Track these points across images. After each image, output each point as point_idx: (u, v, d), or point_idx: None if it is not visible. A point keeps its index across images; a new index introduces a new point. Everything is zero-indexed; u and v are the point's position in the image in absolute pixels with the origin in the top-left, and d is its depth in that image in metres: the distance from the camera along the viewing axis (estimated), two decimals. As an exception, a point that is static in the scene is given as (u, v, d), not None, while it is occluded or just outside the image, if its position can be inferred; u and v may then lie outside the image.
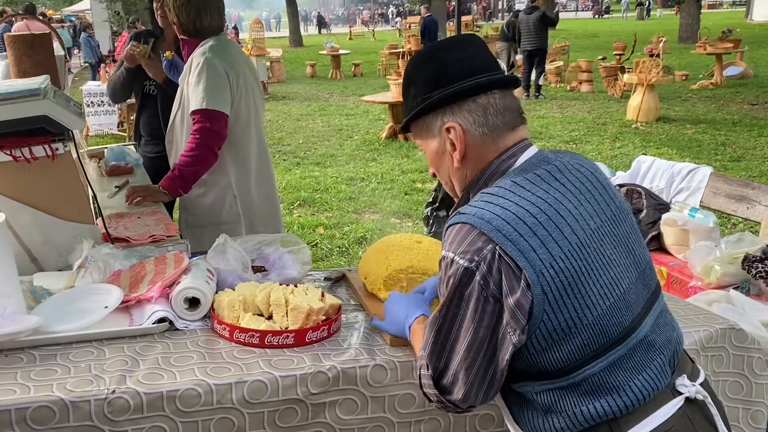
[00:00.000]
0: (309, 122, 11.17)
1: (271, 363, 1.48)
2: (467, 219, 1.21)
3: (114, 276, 1.85)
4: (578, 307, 1.18)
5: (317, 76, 18.11)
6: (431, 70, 1.34)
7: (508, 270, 1.16)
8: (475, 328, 1.20)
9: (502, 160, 1.31)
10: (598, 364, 1.20)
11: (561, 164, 1.30)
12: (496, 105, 1.31)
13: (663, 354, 1.27)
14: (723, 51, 13.49)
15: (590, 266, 1.20)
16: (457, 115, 1.32)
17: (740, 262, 2.82)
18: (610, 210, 1.29)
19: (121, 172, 3.08)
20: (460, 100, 1.31)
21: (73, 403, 1.33)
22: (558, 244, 1.18)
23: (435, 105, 1.32)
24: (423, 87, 1.34)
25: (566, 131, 9.40)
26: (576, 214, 1.23)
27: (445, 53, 1.35)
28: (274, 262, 1.96)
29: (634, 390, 1.21)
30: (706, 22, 20.33)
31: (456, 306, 1.22)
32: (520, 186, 1.24)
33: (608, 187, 1.33)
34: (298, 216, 6.02)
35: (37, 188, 1.98)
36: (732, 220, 5.17)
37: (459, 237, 1.21)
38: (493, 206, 1.21)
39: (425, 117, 1.36)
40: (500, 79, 1.33)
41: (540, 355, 1.20)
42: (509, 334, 1.18)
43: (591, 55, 16.31)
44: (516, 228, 1.18)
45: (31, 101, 1.87)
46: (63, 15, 28.92)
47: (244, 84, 2.78)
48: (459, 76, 1.31)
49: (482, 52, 1.36)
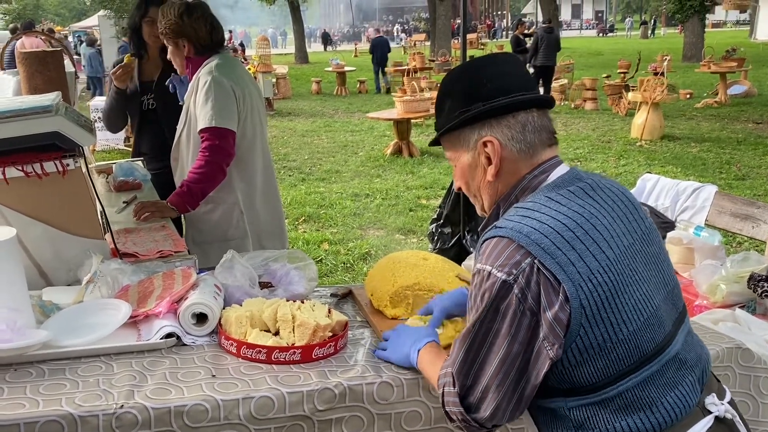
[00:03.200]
0: (314, 138, 11.22)
1: (278, 379, 1.49)
2: (504, 233, 1.21)
3: (122, 291, 1.87)
4: (614, 322, 1.19)
5: (323, 92, 18.21)
6: (470, 84, 1.34)
7: (547, 283, 1.16)
8: (510, 342, 1.19)
9: (534, 175, 1.32)
10: (632, 380, 1.20)
11: (593, 182, 1.32)
12: (534, 123, 1.32)
13: (694, 372, 1.28)
14: (727, 70, 13.53)
15: (625, 282, 1.21)
16: (495, 130, 1.32)
17: (746, 281, 2.82)
18: (641, 229, 1.30)
19: (129, 187, 3.10)
20: (499, 115, 1.31)
21: (82, 417, 1.34)
22: (595, 258, 1.19)
23: (474, 118, 1.32)
24: (461, 100, 1.34)
25: (571, 149, 9.42)
26: (610, 230, 1.24)
27: (484, 69, 1.35)
28: (281, 278, 1.97)
29: (667, 407, 1.21)
30: (710, 41, 20.42)
31: (491, 320, 1.20)
32: (555, 201, 1.25)
33: (638, 207, 1.34)
34: (303, 231, 6.04)
35: (48, 203, 2.00)
36: (737, 239, 5.16)
37: (497, 250, 1.20)
38: (530, 220, 1.21)
39: (461, 130, 1.35)
40: (540, 98, 1.34)
41: (574, 370, 1.20)
42: (546, 349, 1.17)
43: (595, 73, 16.39)
44: (554, 241, 1.18)
45: (44, 118, 1.89)
46: (70, 31, 29.18)
47: (250, 101, 2.81)
48: (498, 91, 1.31)
49: (520, 70, 1.37)
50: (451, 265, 1.93)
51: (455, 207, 4.49)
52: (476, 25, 43.35)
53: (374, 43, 19.13)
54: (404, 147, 9.45)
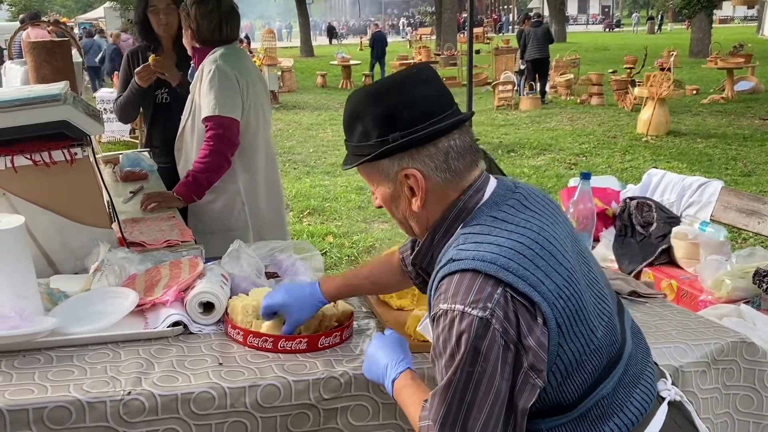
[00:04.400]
0: (319, 131, 11.22)
1: (284, 368, 1.50)
2: (466, 265, 1.13)
3: (129, 280, 1.88)
4: (585, 333, 1.17)
5: (328, 86, 18.19)
6: (384, 110, 1.23)
7: (523, 309, 1.10)
8: (498, 382, 1.09)
9: (469, 196, 1.25)
10: (606, 387, 1.20)
11: (524, 191, 1.28)
12: (457, 148, 1.24)
13: (648, 362, 1.29)
14: (734, 66, 13.46)
15: (582, 289, 1.18)
16: (416, 161, 1.23)
17: (751, 277, 2.82)
18: (568, 230, 1.29)
19: (135, 177, 3.11)
20: (419, 146, 1.23)
21: (90, 403, 1.35)
22: (557, 272, 1.15)
23: (392, 151, 1.23)
24: (375, 127, 1.24)
25: (576, 144, 9.40)
26: (559, 239, 1.21)
27: (402, 91, 1.24)
28: (286, 269, 1.98)
29: (635, 404, 1.22)
30: (717, 37, 20.29)
31: (472, 363, 1.10)
32: (501, 220, 1.20)
33: (558, 206, 1.33)
34: (307, 224, 6.05)
35: (56, 192, 2.01)
36: (743, 234, 5.16)
37: (464, 286, 1.12)
38: (487, 246, 1.14)
39: (379, 161, 1.26)
40: (459, 119, 1.25)
41: (555, 391, 1.17)
42: (532, 378, 1.11)
43: (601, 68, 16.32)
44: (519, 263, 1.12)
45: (52, 106, 1.90)
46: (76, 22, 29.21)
47: (254, 92, 2.81)
48: (419, 118, 1.21)
49: (437, 89, 1.26)
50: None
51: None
52: (482, 19, 43.18)
53: (374, 37, 19.44)
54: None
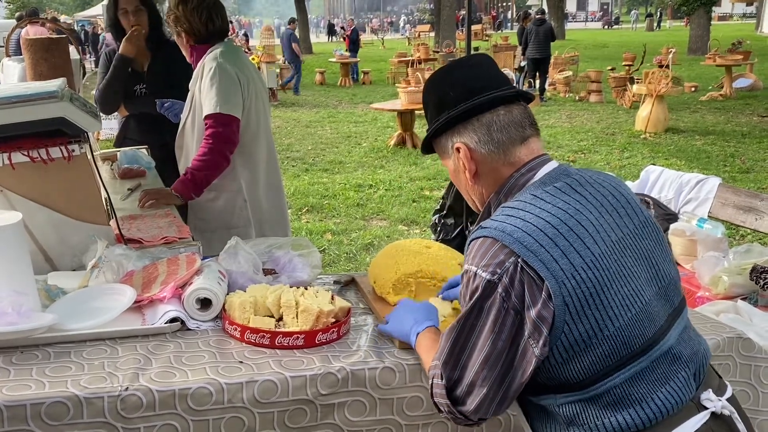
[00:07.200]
0: (318, 129, 11.21)
1: (281, 363, 1.50)
2: (489, 233, 1.24)
3: (127, 276, 1.88)
4: (599, 318, 1.19)
5: (326, 83, 18.18)
6: (438, 94, 1.41)
7: (531, 281, 1.18)
8: (494, 340, 1.21)
9: (522, 173, 1.34)
10: (620, 376, 1.21)
11: (581, 178, 1.32)
12: (500, 122, 1.34)
13: (688, 367, 1.27)
14: (733, 63, 13.47)
15: (611, 277, 1.21)
16: (463, 135, 1.37)
17: (748, 273, 2.82)
18: (633, 224, 1.30)
19: (133, 175, 3.11)
20: (464, 121, 1.36)
21: (87, 399, 1.35)
22: (579, 254, 1.20)
23: (443, 128, 1.39)
24: (433, 111, 1.42)
25: (575, 141, 9.40)
26: (597, 226, 1.24)
27: (450, 76, 1.41)
28: (284, 265, 1.98)
29: (657, 402, 1.22)
30: (716, 34, 20.31)
31: (475, 318, 1.23)
32: (540, 198, 1.27)
33: (632, 201, 1.34)
34: (306, 222, 6.05)
35: (53, 189, 2.01)
36: (740, 231, 5.16)
37: (481, 251, 1.23)
38: (513, 219, 1.24)
39: (439, 139, 1.42)
40: (503, 95, 1.35)
41: (561, 367, 1.21)
42: (532, 347, 1.19)
43: (600, 65, 16.33)
44: (537, 239, 1.20)
45: (49, 103, 1.90)
46: (74, 20, 29.16)
47: (254, 90, 2.81)
48: (461, 97, 1.36)
49: (483, 71, 1.40)
50: (453, 253, 1.94)
51: (458, 198, 4.48)
52: (481, 16, 43.13)
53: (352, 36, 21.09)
54: (408, 138, 9.43)
